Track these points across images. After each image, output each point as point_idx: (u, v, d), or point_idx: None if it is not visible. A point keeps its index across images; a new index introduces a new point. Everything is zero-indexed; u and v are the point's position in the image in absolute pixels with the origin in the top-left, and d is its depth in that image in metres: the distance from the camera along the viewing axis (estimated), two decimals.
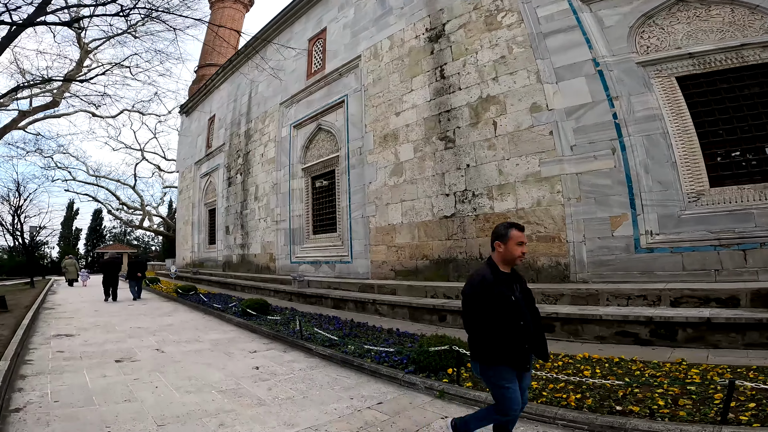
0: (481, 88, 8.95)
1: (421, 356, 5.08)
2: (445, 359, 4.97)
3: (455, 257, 8.96)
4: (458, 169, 9.12)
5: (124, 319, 9.81)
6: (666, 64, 7.04)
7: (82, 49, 17.21)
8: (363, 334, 7.05)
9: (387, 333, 7.10)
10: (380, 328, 7.44)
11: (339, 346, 6.26)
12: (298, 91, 14.57)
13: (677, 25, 7.04)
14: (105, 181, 38.43)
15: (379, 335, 6.98)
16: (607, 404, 3.64)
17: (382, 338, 6.70)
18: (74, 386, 4.80)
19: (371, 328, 7.49)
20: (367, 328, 7.49)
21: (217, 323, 9.12)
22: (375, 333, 7.13)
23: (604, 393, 3.88)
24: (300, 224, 13.90)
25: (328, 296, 10.44)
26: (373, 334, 7.09)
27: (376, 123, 11.15)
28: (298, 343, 6.77)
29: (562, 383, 4.16)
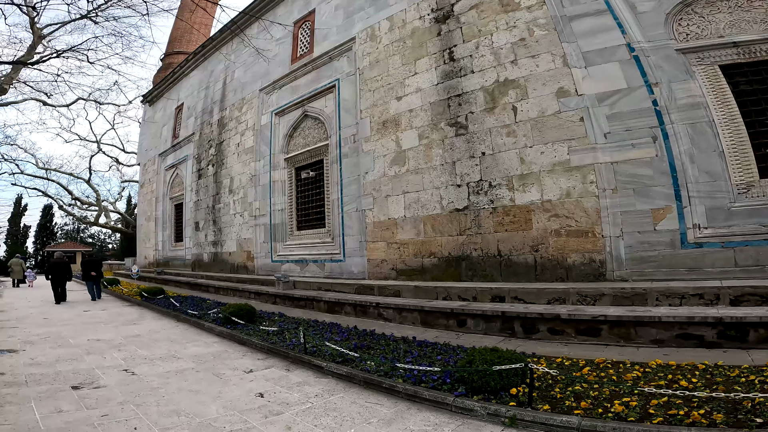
0: (498, 71, 7.94)
1: (475, 375, 3.91)
2: (507, 377, 3.82)
3: (469, 254, 7.86)
4: (472, 158, 8.04)
5: (80, 328, 7.99)
6: (708, 52, 6.42)
7: (35, 34, 14.94)
8: (375, 345, 5.81)
9: (403, 342, 5.90)
10: (392, 337, 6.22)
11: (355, 363, 4.99)
12: (281, 77, 13.03)
13: (718, 15, 6.45)
14: (56, 174, 34.60)
15: (395, 346, 5.76)
16: (745, 418, 2.78)
17: (402, 350, 5.48)
18: (19, 428, 3.27)
19: (382, 337, 6.26)
20: (377, 337, 6.25)
21: (194, 333, 7.53)
22: (388, 343, 5.91)
23: (728, 406, 2.99)
24: (282, 219, 12.37)
25: (321, 299, 9.04)
26: (387, 344, 5.86)
27: (373, 108, 9.89)
28: (303, 359, 5.43)
29: (665, 398, 3.23)
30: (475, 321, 6.44)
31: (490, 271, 7.56)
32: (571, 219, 6.82)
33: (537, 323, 5.76)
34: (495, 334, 6.10)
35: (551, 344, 5.43)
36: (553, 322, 5.67)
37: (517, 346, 5.33)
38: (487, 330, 6.20)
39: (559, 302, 6.23)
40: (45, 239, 48.01)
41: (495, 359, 3.98)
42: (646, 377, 3.85)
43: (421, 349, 5.49)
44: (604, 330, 5.34)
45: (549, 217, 7.03)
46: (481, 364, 3.99)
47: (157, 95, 22.03)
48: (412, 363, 4.79)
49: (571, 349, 5.12)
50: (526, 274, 7.15)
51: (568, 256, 6.80)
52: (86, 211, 36.31)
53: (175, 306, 9.53)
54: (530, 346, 5.27)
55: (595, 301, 6.03)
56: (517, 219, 7.36)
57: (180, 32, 23.98)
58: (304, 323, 7.45)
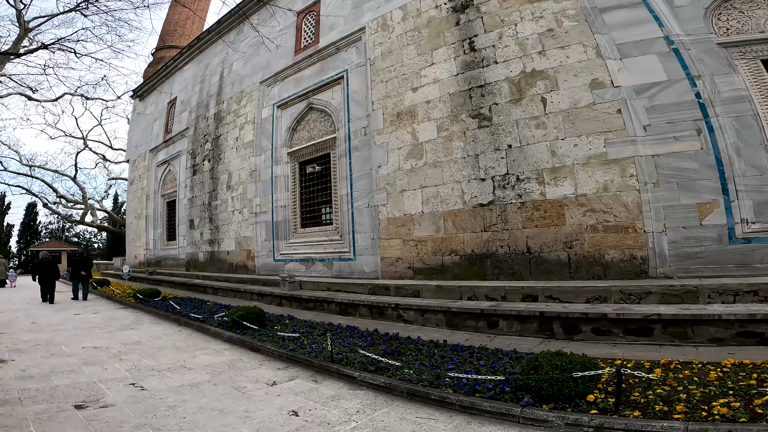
0: (524, 62, 7.43)
1: (544, 383, 3.39)
2: (582, 384, 3.32)
3: (494, 252, 7.30)
4: (497, 150, 7.49)
5: (72, 334, 7.15)
6: (750, 47, 6.14)
7: (22, 27, 13.95)
8: (405, 350, 5.21)
9: (434, 347, 5.33)
10: (420, 341, 5.63)
11: (391, 371, 4.38)
12: (283, 68, 12.29)
13: (758, 10, 6.19)
14: (41, 172, 32.90)
15: (427, 351, 5.19)
16: None
17: (438, 355, 4.92)
18: None
19: (409, 341, 5.68)
20: (403, 342, 5.66)
21: (200, 339, 6.78)
22: (418, 347, 5.31)
23: None
24: (285, 216, 11.63)
25: (332, 300, 8.38)
26: (417, 349, 5.27)
27: (386, 99, 9.27)
28: (329, 369, 4.78)
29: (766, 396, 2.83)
30: (509, 322, 5.89)
31: (518, 269, 7.02)
32: (609, 214, 6.32)
33: (579, 323, 5.26)
34: (531, 335, 5.58)
35: (597, 345, 4.94)
36: (599, 321, 5.18)
37: (560, 347, 4.88)
38: (523, 331, 5.67)
39: (599, 301, 5.74)
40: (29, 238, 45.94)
41: (565, 364, 3.47)
42: (728, 377, 3.42)
43: (458, 354, 4.92)
44: (657, 329, 4.89)
45: (584, 212, 6.52)
46: (551, 369, 3.47)
47: (148, 90, 20.96)
48: (456, 370, 4.27)
49: (622, 350, 4.66)
50: (559, 272, 6.62)
51: (606, 253, 6.29)
52: (72, 209, 34.66)
53: (174, 309, 8.73)
54: (574, 348, 4.76)
55: (641, 299, 5.54)
56: (548, 214, 6.83)
57: (172, 26, 22.95)
58: (319, 327, 6.80)
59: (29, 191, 33.60)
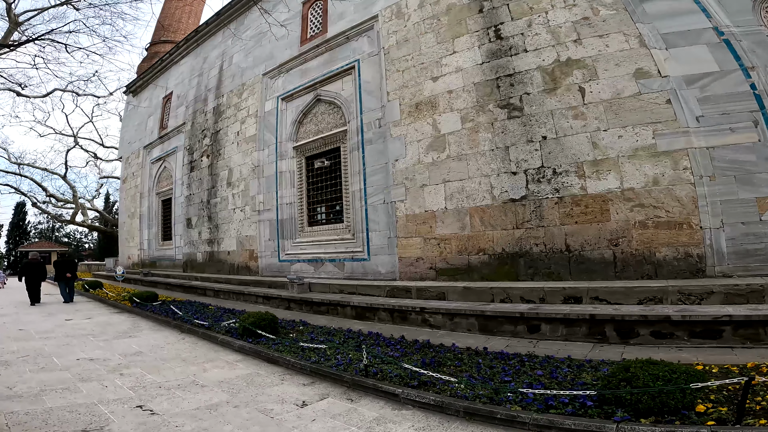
0: (558, 50, 6.85)
1: (643, 395, 2.94)
2: (690, 393, 2.83)
3: (528, 250, 6.65)
4: (530, 142, 6.84)
5: (64, 343, 6.28)
6: None
7: (11, 21, 13.02)
8: (446, 361, 4.55)
9: (475, 355, 4.69)
10: (456, 348, 4.98)
11: (438, 386, 3.73)
12: (288, 59, 11.52)
13: None
14: (30, 170, 31.43)
15: (469, 360, 4.54)
16: None
17: (484, 365, 4.29)
18: None
19: (445, 349, 5.01)
20: (440, 350, 4.99)
21: (207, 348, 5.98)
22: (457, 356, 4.65)
23: None
24: (291, 214, 10.85)
25: (347, 303, 7.64)
26: (457, 358, 4.61)
27: (403, 89, 8.57)
28: (364, 384, 4.09)
29: None
30: (552, 326, 5.25)
31: (555, 269, 6.38)
32: (661, 209, 5.71)
33: (636, 326, 4.69)
34: (580, 339, 4.99)
35: (660, 350, 4.38)
36: (660, 324, 4.61)
37: (617, 352, 4.40)
38: (569, 336, 5.07)
39: (653, 302, 5.16)
40: (18, 239, 44.16)
41: (667, 374, 2.99)
42: None
43: (505, 363, 4.30)
44: (727, 332, 4.33)
45: (632, 207, 5.91)
46: (650, 380, 3.05)
47: (142, 85, 19.94)
48: (514, 382, 3.69)
49: (691, 354, 4.14)
50: (603, 271, 6.00)
51: (657, 251, 5.68)
52: (62, 209, 33.20)
53: (175, 314, 7.90)
54: (634, 352, 4.25)
55: (701, 300, 4.96)
56: (590, 209, 6.20)
57: (167, 21, 21.95)
58: (338, 334, 6.09)
59: (18, 190, 32.12)
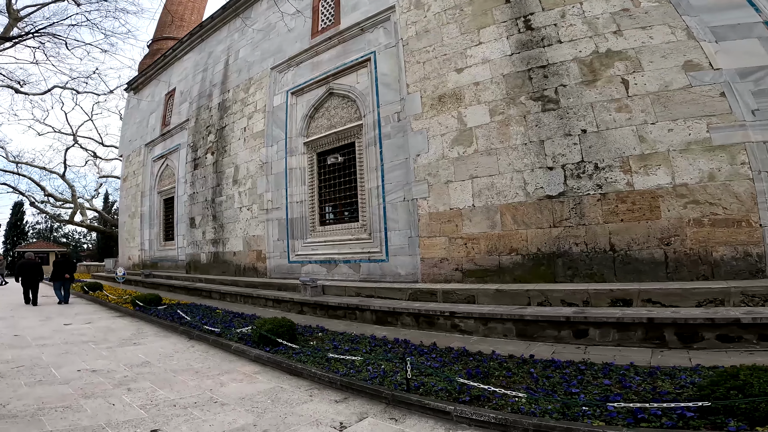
0: (596, 41, 6.36)
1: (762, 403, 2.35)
2: None
3: (567, 250, 6.08)
4: (567, 135, 6.29)
5: (63, 351, 5.63)
6: None
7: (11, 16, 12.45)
8: (491, 370, 4.00)
9: (523, 363, 4.16)
10: (498, 356, 4.44)
11: (493, 401, 3.21)
12: (298, 53, 10.92)
13: None
14: (28, 169, 30.55)
15: (519, 369, 3.99)
16: None
17: (539, 375, 3.76)
18: None
19: (486, 357, 4.45)
20: (481, 358, 4.42)
21: (220, 358, 5.35)
22: (504, 365, 4.12)
23: None
24: (302, 213, 10.24)
25: (367, 307, 7.04)
26: (503, 367, 4.08)
27: (424, 82, 8.00)
28: (408, 401, 3.53)
29: None
30: (602, 330, 4.73)
31: (598, 270, 5.81)
32: (717, 206, 5.16)
33: (700, 330, 4.21)
34: (635, 344, 4.49)
35: (729, 354, 3.94)
36: (728, 327, 4.13)
37: (685, 358, 3.96)
38: (622, 341, 4.56)
39: (713, 304, 4.66)
40: (15, 239, 43.12)
41: None
42: None
43: (560, 372, 3.81)
44: None
45: (685, 203, 5.36)
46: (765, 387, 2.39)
47: (143, 81, 19.25)
48: (583, 393, 3.20)
49: (764, 357, 3.67)
50: (653, 272, 5.44)
51: (714, 250, 5.13)
52: (60, 208, 32.32)
53: (182, 319, 7.25)
54: (702, 357, 3.85)
55: (765, 301, 4.43)
56: (637, 206, 5.64)
57: (170, 17, 21.29)
58: (363, 342, 5.50)
59: (16, 189, 31.23)
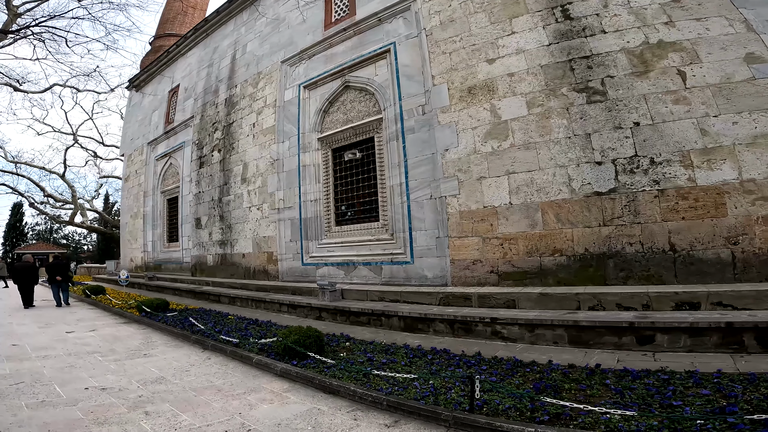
0: (645, 32, 5.88)
1: None
2: None
3: (620, 250, 5.50)
4: (618, 128, 5.72)
5: (67, 363, 4.97)
6: None
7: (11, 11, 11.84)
8: (563, 384, 3.47)
9: (592, 374, 3.60)
10: (558, 366, 3.93)
11: (575, 420, 2.75)
12: (310, 45, 10.31)
13: None
14: (27, 169, 29.66)
15: (591, 381, 3.46)
16: None
17: (624, 387, 3.25)
18: None
19: (545, 368, 3.94)
20: (544, 370, 3.88)
21: (241, 372, 4.72)
22: (573, 378, 3.59)
23: None
24: (316, 212, 9.61)
25: (394, 313, 6.42)
26: (570, 379, 3.56)
27: (452, 73, 7.40)
28: (476, 424, 3.03)
29: None
30: (671, 336, 4.20)
31: (656, 271, 5.24)
32: None
33: None
34: (709, 350, 3.99)
35: None
36: None
37: None
38: (694, 346, 4.06)
39: None
40: (15, 240, 42.13)
41: None
42: None
43: (641, 382, 3.32)
44: None
45: (753, 200, 4.79)
46: None
47: (146, 79, 18.55)
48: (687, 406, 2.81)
49: None
50: (719, 273, 4.88)
51: None
52: (60, 209, 31.43)
53: (194, 326, 6.59)
54: None
55: None
56: (700, 203, 5.07)
57: (173, 14, 20.61)
58: (399, 353, 4.93)
59: (15, 190, 30.30)
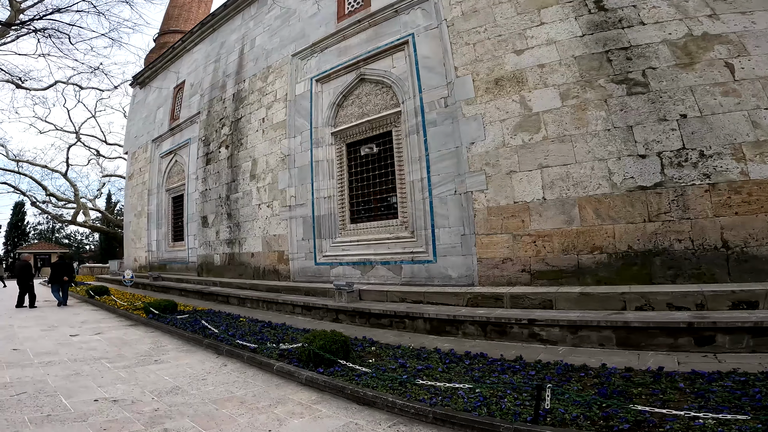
0: (688, 24, 5.57)
1: None
2: None
3: (667, 247, 5.11)
4: (662, 121, 5.33)
5: (72, 371, 4.52)
6: None
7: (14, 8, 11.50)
8: (629, 389, 3.12)
9: (654, 376, 3.29)
10: (615, 370, 3.58)
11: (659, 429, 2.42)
12: (323, 37, 9.89)
13: None
14: (29, 168, 29.14)
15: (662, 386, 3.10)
16: None
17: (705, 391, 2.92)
18: None
19: (602, 372, 3.56)
20: (604, 376, 3.48)
21: (263, 381, 4.28)
22: (637, 382, 3.23)
23: None
24: (330, 209, 9.18)
25: (419, 315, 6.00)
26: (634, 383, 3.21)
27: (477, 64, 6.99)
28: None
29: None
30: (734, 336, 3.88)
31: (707, 269, 4.84)
32: None
33: None
34: None
35: None
36: None
37: None
38: (757, 346, 3.76)
39: None
40: (16, 240, 41.55)
41: None
42: None
43: (720, 384, 3.02)
44: None
45: None
46: None
47: (150, 75, 18.10)
48: None
49: None
50: None
51: None
52: (62, 208, 30.90)
53: (206, 330, 6.15)
54: None
55: None
56: (754, 198, 4.68)
57: (177, 10, 20.20)
58: (433, 357, 4.53)
59: (17, 189, 29.81)
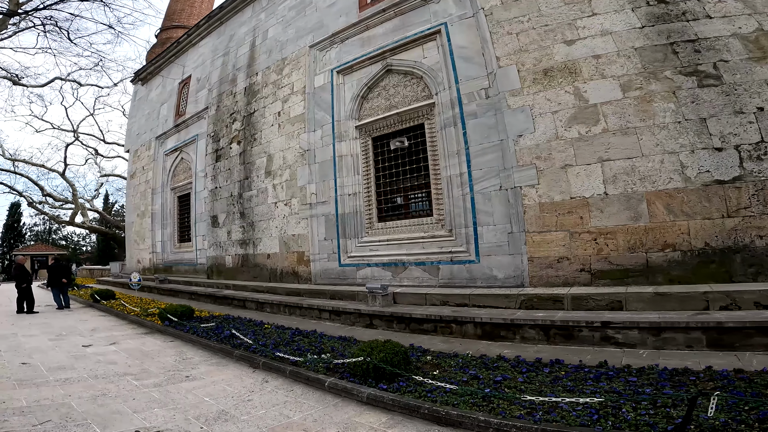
0: (757, 19, 5.25)
1: None
2: None
3: (748, 244, 4.65)
4: (739, 113, 4.89)
5: (96, 390, 3.86)
6: None
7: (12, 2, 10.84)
8: None
9: None
10: (726, 374, 3.15)
11: None
12: (343, 27, 9.30)
13: None
14: (25, 167, 28.05)
15: None
16: None
17: None
18: None
19: (716, 375, 3.09)
20: (722, 379, 3.05)
21: (317, 401, 3.70)
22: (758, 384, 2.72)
23: None
24: (355, 207, 8.58)
25: (469, 320, 5.45)
26: None
27: (521, 54, 6.47)
28: None
29: None
30: None
31: None
32: None
33: None
34: None
35: None
36: None
37: None
38: None
39: None
40: (12, 241, 40.13)
41: None
42: None
43: None
44: None
45: None
46: None
47: (153, 71, 17.32)
48: None
49: None
50: None
51: None
52: (60, 209, 29.81)
53: (234, 339, 5.52)
54: None
55: None
56: None
57: (180, 5, 19.44)
58: (504, 367, 3.99)
59: (13, 189, 28.66)
